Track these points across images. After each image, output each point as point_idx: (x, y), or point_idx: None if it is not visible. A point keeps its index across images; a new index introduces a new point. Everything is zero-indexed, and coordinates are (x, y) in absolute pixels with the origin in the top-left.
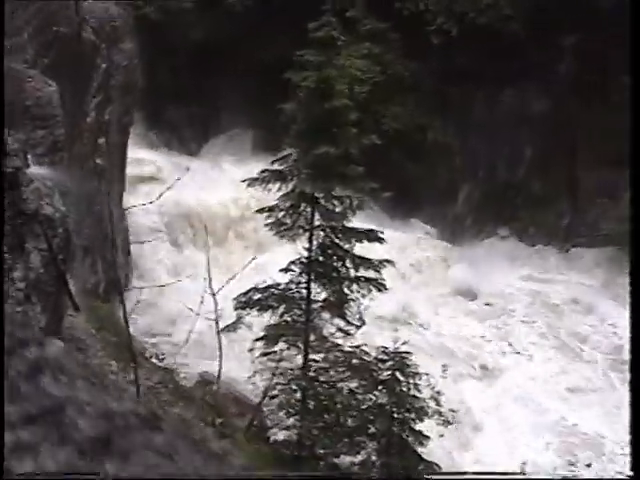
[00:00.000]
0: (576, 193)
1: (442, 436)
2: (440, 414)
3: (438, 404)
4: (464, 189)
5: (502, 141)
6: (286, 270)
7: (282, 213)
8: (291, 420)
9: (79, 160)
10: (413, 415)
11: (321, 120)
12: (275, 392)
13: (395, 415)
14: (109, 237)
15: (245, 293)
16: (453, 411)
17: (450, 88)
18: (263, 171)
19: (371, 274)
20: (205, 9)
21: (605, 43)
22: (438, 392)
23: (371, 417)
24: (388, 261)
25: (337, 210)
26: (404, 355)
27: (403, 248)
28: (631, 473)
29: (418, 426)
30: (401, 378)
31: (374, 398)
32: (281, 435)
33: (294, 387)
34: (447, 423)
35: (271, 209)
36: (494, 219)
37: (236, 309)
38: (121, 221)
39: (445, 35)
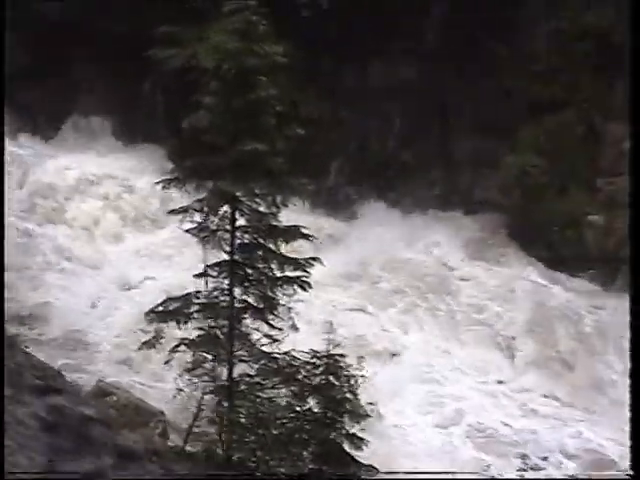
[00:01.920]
0: (448, 161)
1: (363, 430)
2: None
3: (356, 397)
4: (336, 162)
5: (372, 113)
6: (203, 275)
7: (202, 216)
8: (225, 439)
9: None
10: (348, 419)
11: (243, 113)
12: (203, 410)
13: (329, 421)
14: None
15: (160, 304)
16: (371, 404)
17: (320, 61)
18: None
19: (297, 273)
20: None
21: (473, 12)
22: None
23: (305, 425)
24: (315, 259)
25: (261, 209)
26: (337, 358)
27: None
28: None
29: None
30: (335, 382)
31: (307, 405)
32: (214, 456)
33: (224, 404)
34: (366, 416)
35: (185, 210)
36: (368, 191)
37: (151, 322)
38: None
39: (315, 8)
